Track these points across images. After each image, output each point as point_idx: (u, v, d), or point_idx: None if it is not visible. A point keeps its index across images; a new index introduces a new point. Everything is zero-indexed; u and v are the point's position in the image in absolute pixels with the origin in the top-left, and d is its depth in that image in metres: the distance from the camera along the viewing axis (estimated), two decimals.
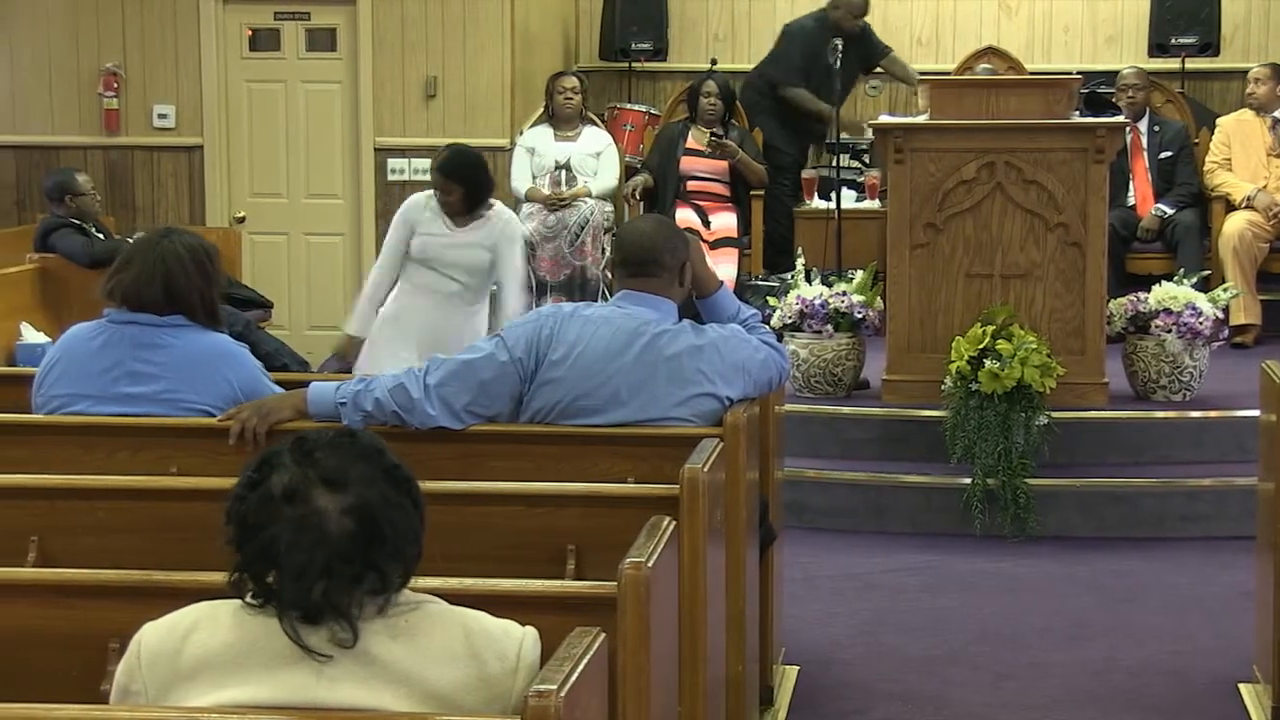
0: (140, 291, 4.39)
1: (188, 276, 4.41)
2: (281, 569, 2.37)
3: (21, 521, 3.68)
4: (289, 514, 2.38)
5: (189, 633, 2.42)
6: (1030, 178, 7.09)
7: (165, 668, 2.40)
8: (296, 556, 2.36)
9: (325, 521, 2.37)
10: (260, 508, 2.40)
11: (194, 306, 4.43)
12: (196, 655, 2.39)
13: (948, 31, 10.86)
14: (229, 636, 2.40)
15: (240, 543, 2.41)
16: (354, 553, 2.37)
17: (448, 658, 2.39)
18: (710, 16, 11.06)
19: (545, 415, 4.30)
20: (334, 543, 2.37)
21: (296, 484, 2.39)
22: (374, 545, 2.39)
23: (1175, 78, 10.25)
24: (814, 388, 7.38)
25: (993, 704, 5.02)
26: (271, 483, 2.41)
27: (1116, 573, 6.36)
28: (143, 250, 4.46)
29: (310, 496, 2.39)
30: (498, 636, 2.44)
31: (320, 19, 10.18)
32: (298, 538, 2.36)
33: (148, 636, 2.45)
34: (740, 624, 4.13)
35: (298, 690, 2.34)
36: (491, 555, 3.59)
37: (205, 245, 4.53)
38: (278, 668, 2.36)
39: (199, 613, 2.45)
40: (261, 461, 2.45)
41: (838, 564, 6.47)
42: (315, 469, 2.41)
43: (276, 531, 2.38)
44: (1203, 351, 7.23)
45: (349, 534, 2.37)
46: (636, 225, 4.77)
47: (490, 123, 10.12)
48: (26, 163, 10.34)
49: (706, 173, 9.38)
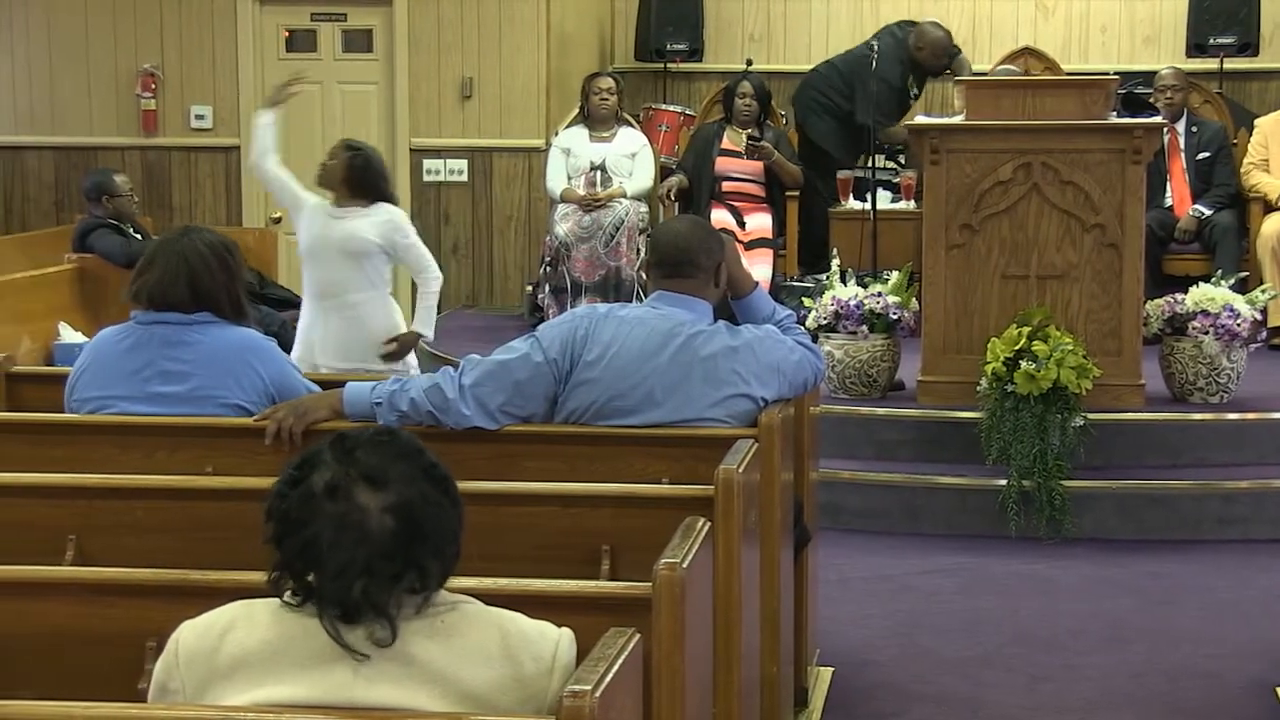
0: (166, 291, 4.41)
1: (211, 273, 4.43)
2: (322, 567, 2.37)
3: (60, 521, 3.71)
4: (330, 511, 2.39)
5: (226, 631, 2.43)
6: (1067, 178, 7.07)
7: (203, 666, 2.41)
8: (338, 554, 2.36)
9: (367, 519, 2.38)
10: (302, 505, 2.41)
11: (220, 302, 4.45)
12: (234, 654, 2.40)
13: (984, 32, 10.83)
14: (266, 635, 2.40)
15: (280, 540, 2.42)
16: (395, 551, 2.37)
17: (483, 658, 2.39)
18: (746, 17, 11.05)
19: (580, 416, 4.30)
20: (375, 541, 2.37)
21: (338, 481, 2.40)
22: (414, 543, 2.39)
23: (1213, 78, 10.21)
24: (849, 389, 7.37)
25: (1028, 706, 5.00)
26: (313, 480, 2.41)
27: (1153, 575, 6.34)
28: (164, 251, 4.48)
29: (352, 494, 2.39)
30: (534, 638, 2.45)
31: (357, 20, 10.22)
32: (339, 535, 2.37)
33: (185, 635, 2.46)
34: (775, 625, 4.12)
35: (334, 689, 2.35)
36: (526, 555, 3.59)
37: (225, 241, 4.55)
38: (314, 667, 2.37)
39: (236, 611, 2.46)
40: (303, 460, 2.46)
41: (872, 565, 6.46)
42: (356, 467, 2.41)
43: (318, 529, 2.38)
44: (1240, 353, 7.19)
45: (390, 532, 2.38)
46: (672, 226, 4.77)
47: (525, 123, 10.14)
48: (65, 163, 10.41)
49: (741, 173, 9.37)
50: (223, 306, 4.46)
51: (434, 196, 10.25)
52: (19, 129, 10.44)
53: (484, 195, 10.27)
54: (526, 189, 10.23)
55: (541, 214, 9.99)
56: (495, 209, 10.31)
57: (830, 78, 9.82)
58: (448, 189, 10.25)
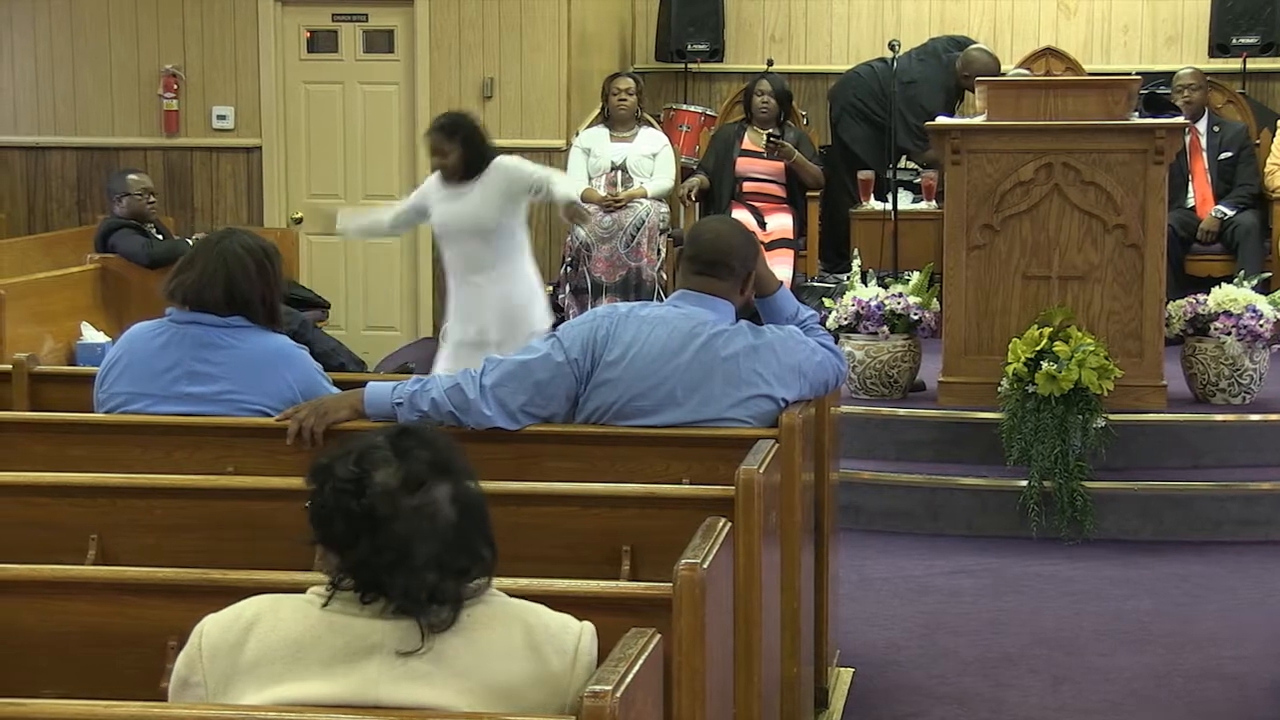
0: (201, 292, 4.42)
1: (249, 278, 4.43)
2: (407, 561, 2.38)
3: (82, 520, 3.72)
4: (410, 505, 2.41)
5: (251, 626, 2.43)
6: (1089, 179, 7.05)
7: (226, 660, 2.42)
8: (422, 547, 2.38)
9: (440, 511, 2.41)
10: (383, 501, 2.40)
11: (254, 307, 4.45)
12: (258, 649, 2.40)
13: (1006, 32, 10.81)
14: (291, 631, 2.40)
15: (355, 540, 2.41)
16: (461, 541, 2.41)
17: (508, 652, 2.40)
18: (767, 17, 11.04)
19: (601, 416, 4.30)
20: (446, 531, 2.40)
21: (416, 475, 2.42)
22: (473, 532, 2.44)
23: (1236, 78, 10.17)
24: (870, 389, 7.36)
25: (1049, 707, 4.99)
26: (381, 476, 2.42)
27: (1174, 576, 6.32)
28: (204, 251, 4.48)
29: (428, 487, 2.42)
30: (557, 631, 2.45)
31: (378, 20, 10.23)
32: (419, 528, 2.39)
33: (209, 628, 2.46)
34: (795, 626, 4.12)
35: (360, 686, 2.35)
36: (547, 555, 3.59)
37: (265, 246, 4.54)
38: (340, 663, 2.37)
39: (261, 605, 2.46)
40: (359, 456, 2.45)
41: (893, 566, 6.45)
42: (420, 460, 2.44)
43: (400, 524, 2.39)
44: (1263, 354, 7.17)
45: (453, 523, 2.42)
46: (714, 224, 4.74)
47: (546, 124, 10.15)
48: (87, 164, 10.44)
49: (762, 174, 9.37)
50: (256, 311, 4.45)
51: None
52: (42, 129, 10.47)
53: None
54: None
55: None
56: None
57: (871, 85, 9.81)
58: None
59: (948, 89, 9.57)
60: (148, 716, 2.34)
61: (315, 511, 2.45)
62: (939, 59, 9.75)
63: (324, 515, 2.44)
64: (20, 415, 4.68)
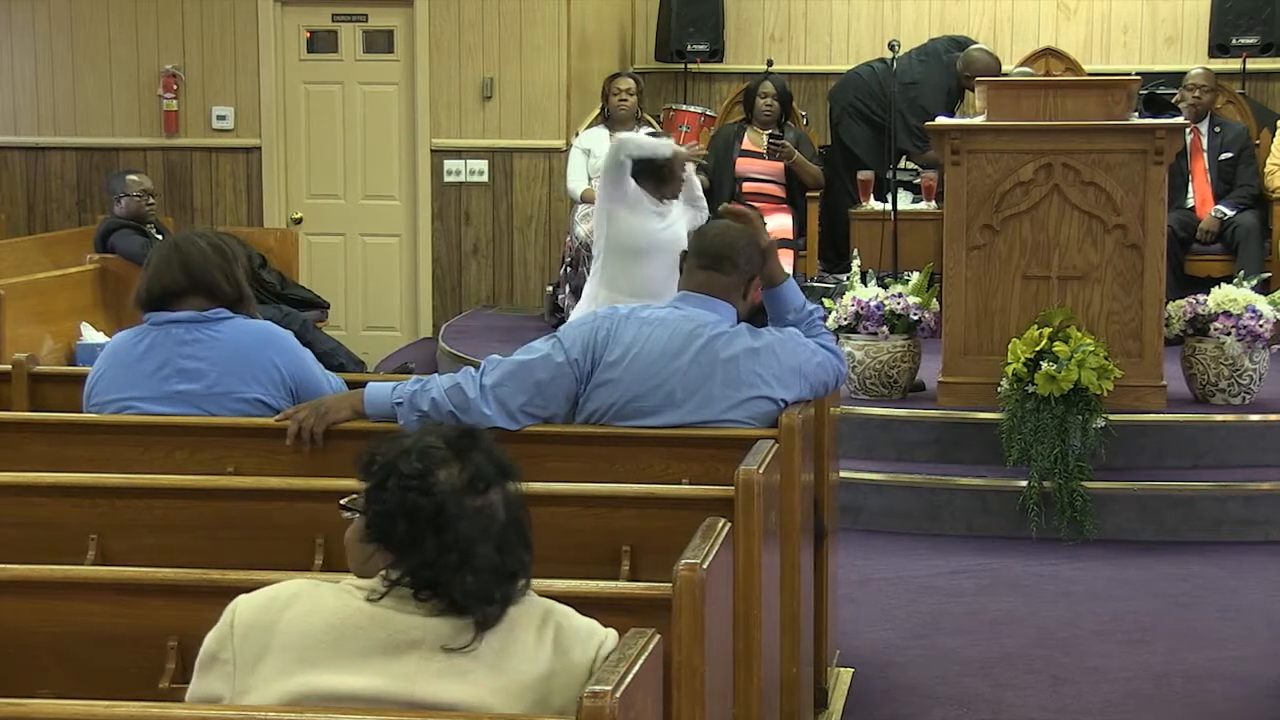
0: (161, 279, 4.42)
1: (205, 257, 4.44)
2: (467, 560, 2.40)
3: (82, 520, 3.72)
4: (473, 506, 2.43)
5: (287, 606, 2.43)
6: (1088, 179, 7.05)
7: (258, 639, 2.41)
8: (482, 548, 2.41)
9: (498, 512, 2.45)
10: (452, 501, 2.43)
11: (220, 288, 4.43)
12: (297, 630, 2.40)
13: (1005, 32, 10.81)
14: (331, 619, 2.40)
15: (421, 539, 2.42)
16: (511, 542, 2.45)
17: (538, 653, 2.43)
18: (767, 17, 11.04)
19: (601, 416, 4.30)
20: (500, 533, 2.44)
21: (481, 475, 2.45)
22: (520, 535, 2.48)
23: (1236, 78, 10.17)
24: (869, 390, 7.36)
25: (1049, 708, 4.99)
26: (447, 476, 2.44)
27: (1174, 577, 6.32)
28: (157, 249, 4.56)
29: (490, 489, 2.45)
30: (584, 635, 2.49)
31: (378, 21, 10.23)
32: (483, 529, 2.42)
33: (243, 607, 2.46)
34: (795, 626, 4.12)
35: (396, 681, 2.36)
36: (547, 556, 3.56)
37: (222, 234, 4.62)
38: (376, 656, 2.37)
39: (300, 587, 2.46)
40: (421, 454, 2.46)
41: (893, 566, 6.45)
42: (479, 462, 2.47)
43: (465, 525, 2.42)
44: (1262, 354, 7.17)
45: (504, 524, 2.45)
46: (721, 223, 4.75)
47: (546, 124, 10.15)
48: (87, 164, 10.44)
49: (762, 174, 9.37)
50: (221, 288, 4.44)
51: (455, 197, 10.25)
52: (41, 129, 10.47)
53: (504, 196, 10.27)
54: (547, 190, 10.23)
55: (562, 214, 9.99)
56: (516, 209, 10.31)
57: (871, 86, 9.80)
58: (468, 189, 10.25)
59: (948, 89, 9.57)
60: (148, 716, 2.34)
61: (379, 509, 2.45)
62: (939, 59, 9.75)
63: (387, 513, 2.44)
64: (20, 415, 4.68)
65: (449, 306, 10.27)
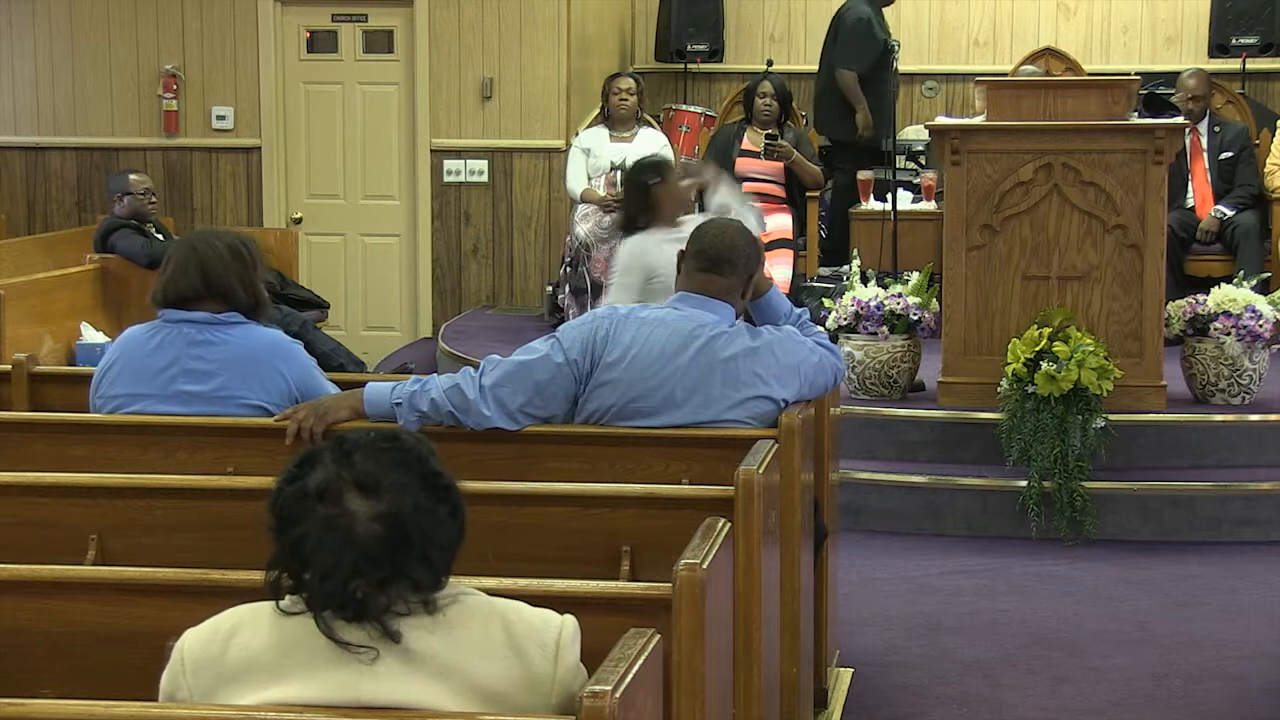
0: (178, 282, 4.41)
1: (223, 263, 4.42)
2: (310, 566, 2.39)
3: (82, 520, 3.72)
4: (320, 513, 2.40)
5: (231, 636, 2.43)
6: (1088, 179, 7.05)
7: (209, 673, 2.42)
8: (323, 556, 2.38)
9: (354, 524, 2.39)
10: (295, 503, 2.42)
11: (236, 295, 4.43)
12: (240, 658, 2.41)
13: (1005, 32, 10.81)
14: (271, 638, 2.41)
15: (276, 534, 2.43)
16: (382, 558, 2.38)
17: (488, 651, 2.40)
18: (766, 17, 11.04)
19: (601, 417, 4.30)
20: (361, 546, 2.38)
21: (330, 484, 2.41)
22: (401, 552, 2.39)
23: (1236, 78, 10.17)
24: (869, 390, 7.36)
25: (1049, 708, 4.99)
26: (308, 480, 2.42)
27: (1174, 577, 6.32)
28: (177, 247, 4.53)
29: (342, 498, 2.40)
30: (538, 626, 2.45)
31: (377, 21, 10.23)
32: (325, 537, 2.38)
33: (189, 643, 2.47)
34: (795, 626, 4.12)
35: (342, 688, 2.35)
36: (547, 556, 3.59)
37: (241, 237, 4.57)
38: (320, 667, 2.37)
39: (240, 615, 2.46)
40: (304, 458, 2.47)
41: (893, 567, 6.45)
42: (351, 471, 2.42)
43: (307, 528, 2.39)
44: (1262, 354, 7.17)
45: (376, 539, 2.38)
46: (719, 222, 4.73)
47: (546, 124, 10.14)
48: (87, 164, 10.44)
49: (762, 174, 9.37)
50: (237, 294, 4.43)
51: (454, 197, 10.25)
52: (41, 129, 10.47)
53: (504, 196, 10.27)
54: (547, 189, 10.23)
55: (562, 214, 9.99)
56: (515, 209, 10.31)
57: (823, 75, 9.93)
58: (468, 189, 10.25)
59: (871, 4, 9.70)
60: (147, 716, 2.34)
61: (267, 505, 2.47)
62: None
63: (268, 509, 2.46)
64: (20, 415, 4.68)
65: (449, 306, 10.27)
